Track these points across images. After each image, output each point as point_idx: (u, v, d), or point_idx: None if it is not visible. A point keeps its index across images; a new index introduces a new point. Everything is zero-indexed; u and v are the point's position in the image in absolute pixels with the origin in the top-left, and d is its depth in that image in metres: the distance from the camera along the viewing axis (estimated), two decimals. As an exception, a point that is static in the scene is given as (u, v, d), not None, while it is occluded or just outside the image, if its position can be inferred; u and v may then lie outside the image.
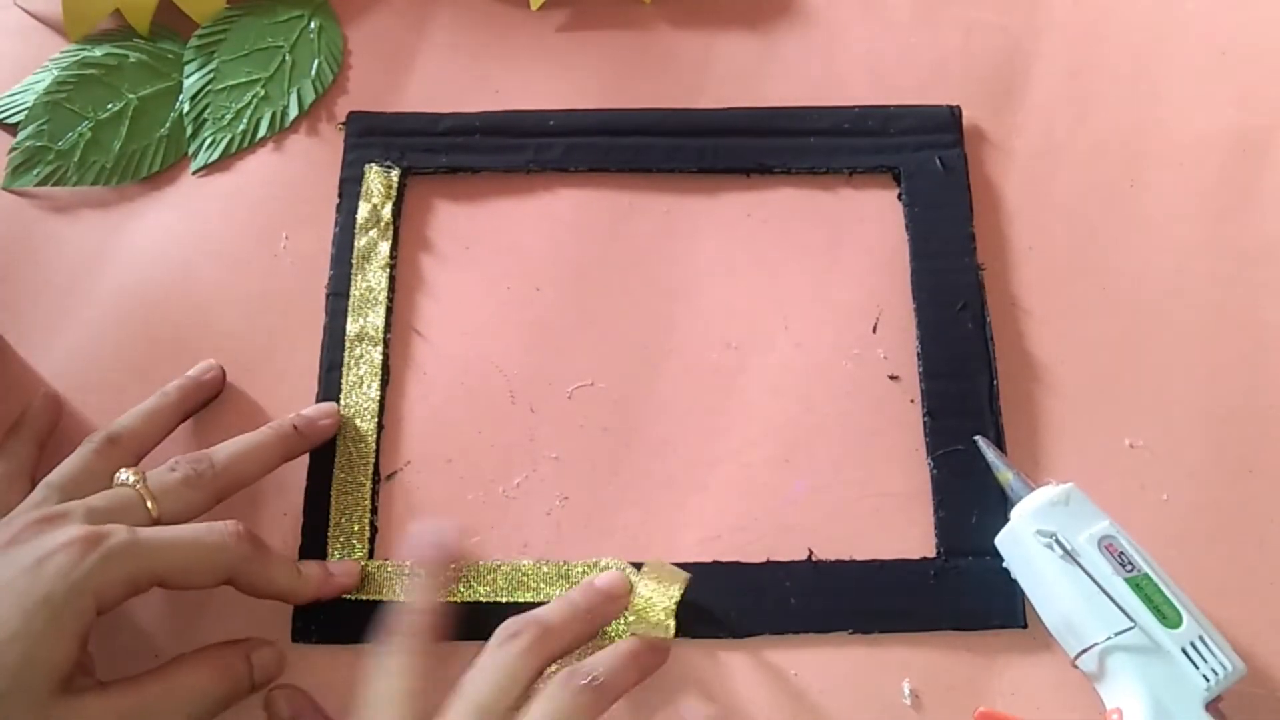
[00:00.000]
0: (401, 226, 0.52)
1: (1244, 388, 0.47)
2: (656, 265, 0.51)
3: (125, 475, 0.41)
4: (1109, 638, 0.39)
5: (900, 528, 0.45)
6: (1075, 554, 0.40)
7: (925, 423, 0.46)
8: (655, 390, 0.48)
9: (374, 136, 0.53)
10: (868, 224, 0.51)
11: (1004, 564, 0.43)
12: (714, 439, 0.47)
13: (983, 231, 0.50)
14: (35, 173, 0.53)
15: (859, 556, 0.45)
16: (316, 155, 0.53)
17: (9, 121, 0.55)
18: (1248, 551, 0.45)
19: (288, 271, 0.51)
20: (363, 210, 0.51)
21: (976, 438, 0.45)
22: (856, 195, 0.52)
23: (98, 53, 0.56)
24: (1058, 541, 0.40)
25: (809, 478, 0.46)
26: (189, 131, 0.54)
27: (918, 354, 0.48)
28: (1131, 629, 0.39)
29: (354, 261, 0.50)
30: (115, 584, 0.37)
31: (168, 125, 0.55)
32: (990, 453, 0.44)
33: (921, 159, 0.51)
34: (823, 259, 0.50)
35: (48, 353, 0.50)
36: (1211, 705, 0.39)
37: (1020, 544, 0.42)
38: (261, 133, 0.54)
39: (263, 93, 0.55)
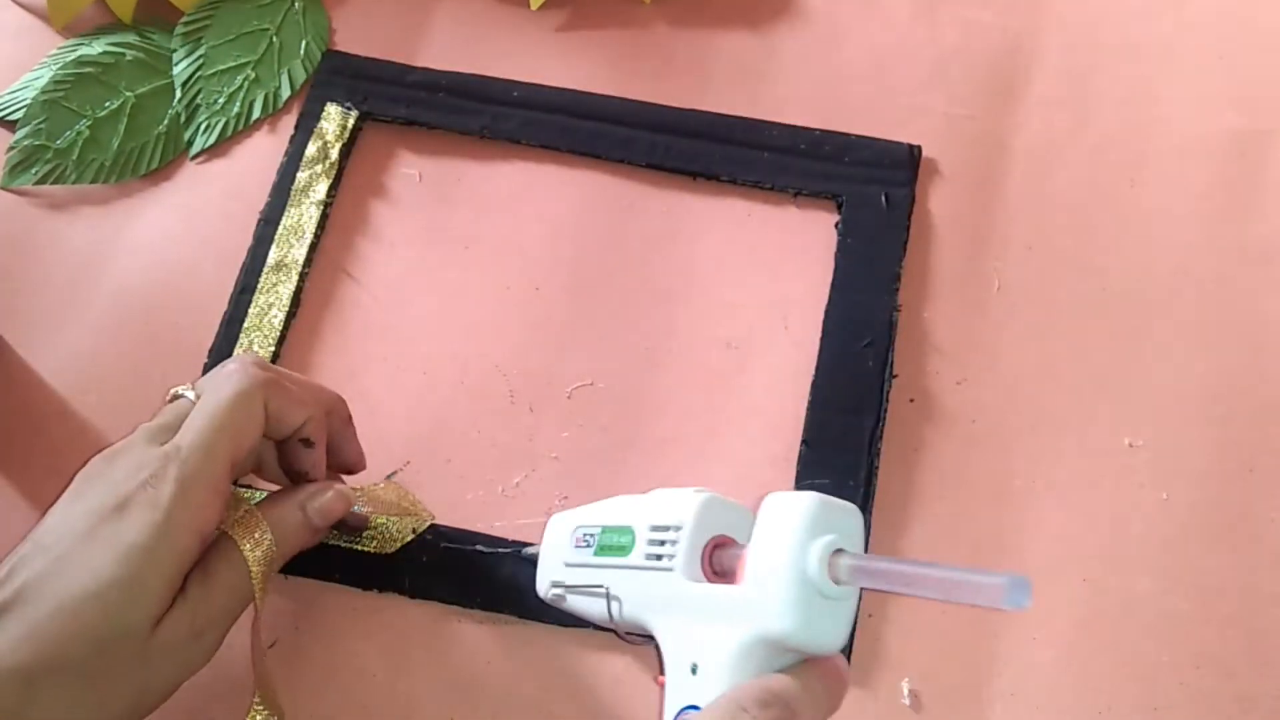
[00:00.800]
0: (349, 169, 0.53)
1: (1244, 387, 0.47)
2: (656, 265, 0.51)
3: (179, 389, 0.40)
4: (610, 619, 0.36)
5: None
6: (565, 582, 0.38)
7: (800, 451, 0.46)
8: (655, 390, 0.48)
9: (341, 77, 0.54)
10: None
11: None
12: (713, 439, 0.47)
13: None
14: (34, 171, 0.53)
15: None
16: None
17: (8, 119, 0.55)
18: (1248, 551, 0.45)
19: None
20: (311, 147, 0.52)
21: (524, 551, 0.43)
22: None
23: (95, 51, 0.56)
24: (558, 585, 0.38)
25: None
26: (183, 119, 0.55)
27: (811, 382, 0.47)
28: (604, 592, 0.36)
29: (291, 193, 0.51)
30: (200, 501, 0.37)
31: (165, 122, 0.55)
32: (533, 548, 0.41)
33: (868, 193, 0.51)
34: (821, 259, 0.50)
35: (48, 353, 0.49)
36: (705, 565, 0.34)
37: (558, 605, 0.39)
38: (256, 114, 0.55)
39: (253, 75, 0.56)
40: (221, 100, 0.55)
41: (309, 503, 0.40)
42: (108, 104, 0.55)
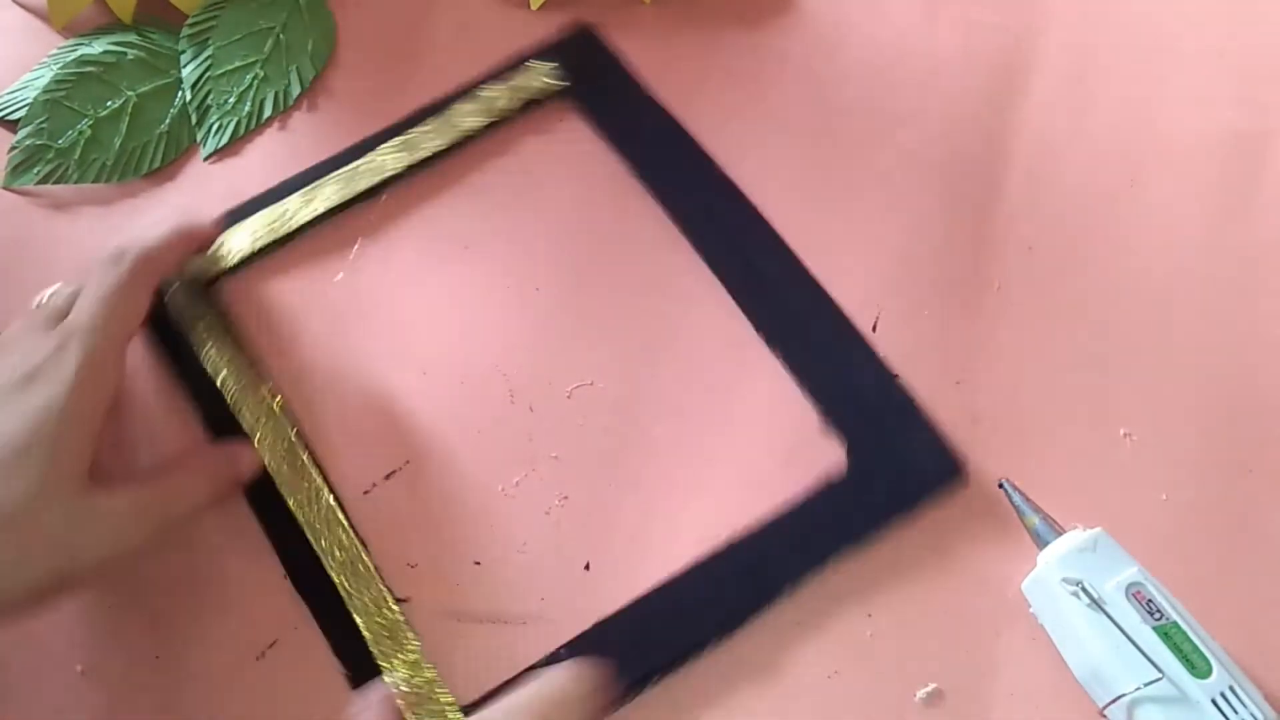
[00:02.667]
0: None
1: (1244, 388, 0.47)
2: (656, 265, 0.51)
3: (51, 290, 0.45)
4: (1137, 689, 0.38)
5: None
6: (1102, 602, 0.40)
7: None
8: (655, 390, 0.48)
9: None
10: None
11: (1030, 610, 0.43)
12: (714, 438, 0.47)
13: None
14: (35, 171, 0.53)
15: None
16: (322, 131, 0.54)
17: (9, 119, 0.55)
18: (1248, 551, 0.45)
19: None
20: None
21: (1002, 482, 0.45)
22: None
23: (96, 50, 0.56)
24: (1084, 590, 0.40)
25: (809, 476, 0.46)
26: (194, 120, 0.55)
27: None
28: (1160, 680, 0.38)
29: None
30: (101, 371, 0.40)
31: (167, 121, 0.55)
32: (1016, 496, 0.44)
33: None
34: (822, 260, 0.50)
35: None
36: None
37: (1047, 591, 0.41)
38: (268, 112, 0.55)
39: (262, 74, 0.56)
40: (232, 100, 0.55)
41: (239, 454, 0.46)
42: (109, 103, 0.55)
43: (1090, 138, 0.53)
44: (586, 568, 0.45)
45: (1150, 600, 0.40)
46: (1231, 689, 0.38)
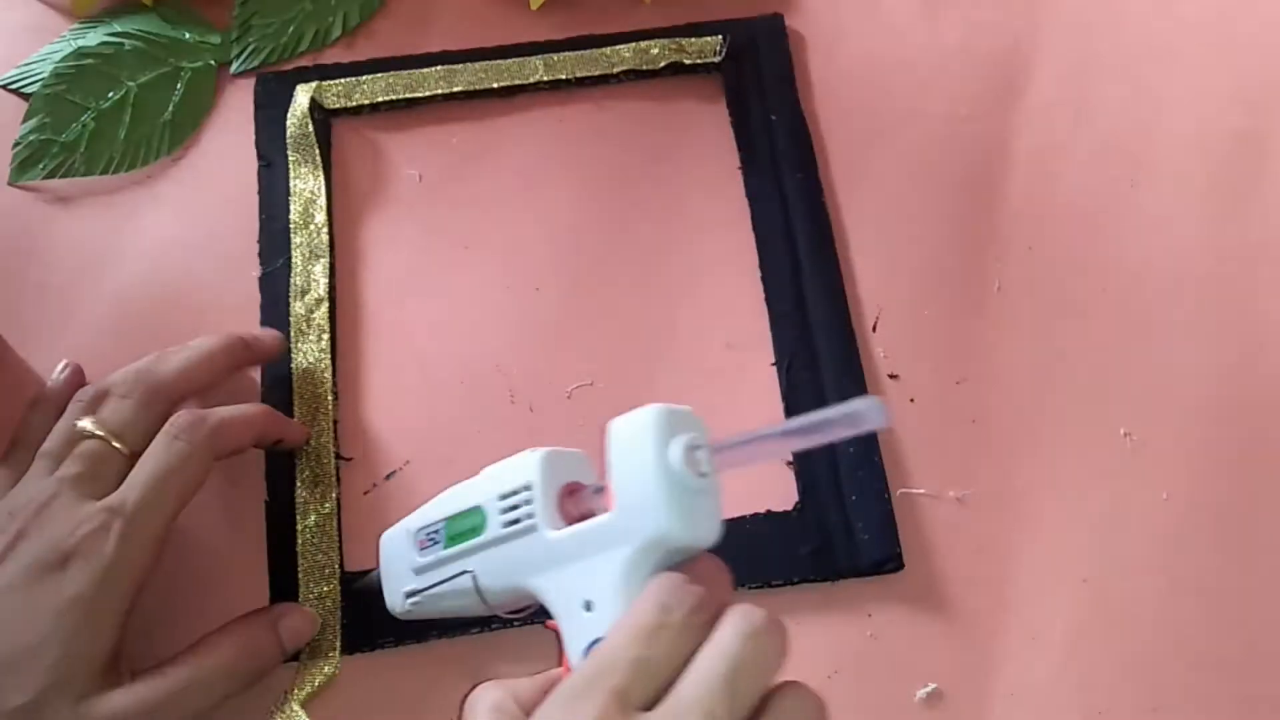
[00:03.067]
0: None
1: (1245, 388, 0.47)
2: (656, 265, 0.51)
3: (83, 423, 0.40)
4: (482, 597, 0.35)
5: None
6: (417, 588, 0.37)
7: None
8: (655, 390, 0.48)
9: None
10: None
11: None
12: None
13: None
14: (41, 166, 0.53)
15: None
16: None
17: (25, 90, 0.55)
18: (1248, 551, 0.45)
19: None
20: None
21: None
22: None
23: (93, 42, 0.56)
24: (408, 597, 0.37)
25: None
26: (234, 35, 0.56)
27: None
28: (468, 574, 0.35)
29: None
30: (143, 557, 0.37)
31: (170, 110, 0.55)
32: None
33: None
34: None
35: (48, 353, 0.49)
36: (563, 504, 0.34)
37: (416, 613, 0.38)
38: (303, 47, 0.56)
39: (309, 7, 0.57)
40: (274, 25, 0.56)
41: (280, 621, 0.41)
42: (110, 95, 0.55)
43: (1090, 138, 0.53)
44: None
45: (429, 533, 0.37)
46: (500, 497, 0.35)
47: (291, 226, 0.51)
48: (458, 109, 0.54)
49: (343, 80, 0.54)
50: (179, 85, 0.55)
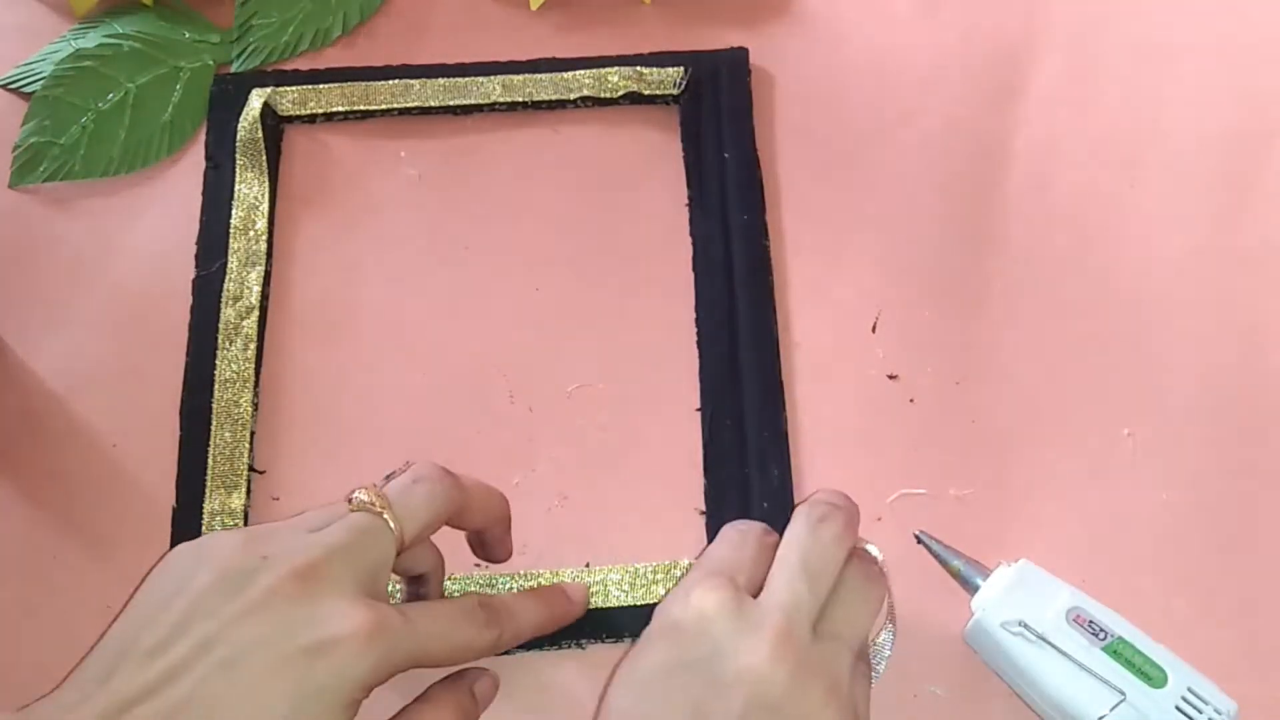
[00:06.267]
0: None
1: (1245, 389, 0.47)
2: (657, 264, 0.51)
3: (362, 494, 0.37)
4: (1102, 716, 0.38)
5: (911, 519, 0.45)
6: (1047, 637, 0.39)
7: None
8: (655, 390, 0.48)
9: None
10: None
11: (979, 658, 0.42)
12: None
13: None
14: (41, 169, 0.53)
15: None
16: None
17: (25, 90, 0.55)
18: (1248, 553, 0.45)
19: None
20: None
21: (918, 533, 0.44)
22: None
23: (91, 44, 0.56)
24: (1027, 628, 0.39)
25: (809, 477, 0.46)
26: (234, 36, 0.56)
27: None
28: (1122, 701, 0.38)
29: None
30: (386, 673, 0.34)
31: (169, 111, 0.55)
32: (936, 545, 0.43)
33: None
34: (821, 259, 0.50)
35: (48, 353, 0.50)
36: None
37: (990, 637, 0.40)
38: (303, 47, 0.56)
39: (310, 7, 0.57)
40: (274, 25, 0.56)
41: (475, 685, 0.39)
42: (110, 96, 0.55)
43: (1090, 138, 0.53)
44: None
45: (1091, 621, 0.39)
46: (1190, 690, 0.38)
47: (231, 231, 0.50)
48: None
49: (298, 88, 0.53)
50: (178, 86, 0.55)
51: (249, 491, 0.46)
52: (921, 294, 0.50)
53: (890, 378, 0.48)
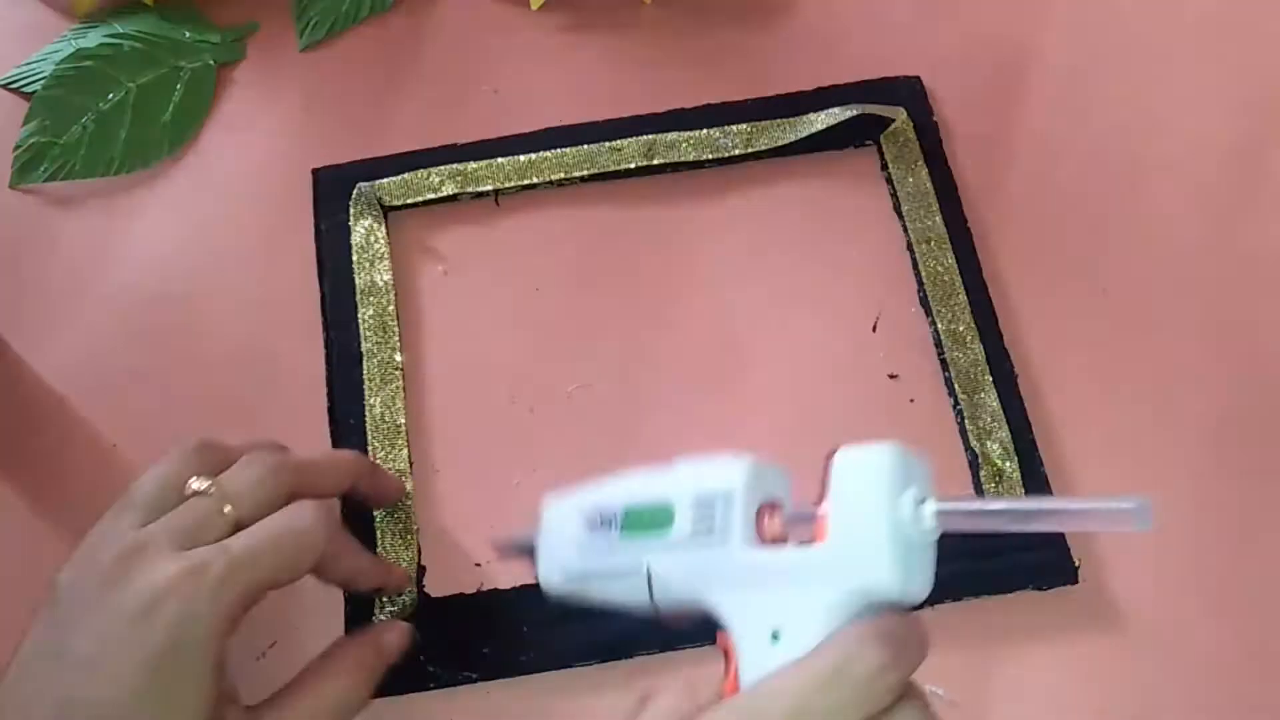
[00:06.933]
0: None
1: (1245, 389, 0.47)
2: (656, 265, 0.51)
3: (197, 483, 0.37)
4: (651, 596, 0.34)
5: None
6: (584, 570, 0.36)
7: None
8: (654, 391, 0.48)
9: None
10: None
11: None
12: (713, 440, 0.47)
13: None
14: (43, 169, 0.53)
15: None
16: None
17: (26, 90, 0.55)
18: (1249, 554, 0.44)
19: (291, 265, 0.51)
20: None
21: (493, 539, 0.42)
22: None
23: (91, 44, 0.56)
24: (584, 574, 0.36)
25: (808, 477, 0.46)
26: (296, 13, 0.57)
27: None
28: (643, 569, 0.34)
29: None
30: (233, 610, 0.35)
31: (170, 111, 0.55)
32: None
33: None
34: (822, 259, 0.50)
35: (48, 353, 0.50)
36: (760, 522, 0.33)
37: (563, 597, 0.37)
38: (364, 12, 0.57)
39: None
40: None
41: (382, 637, 0.40)
42: (111, 96, 0.55)
43: (1090, 138, 0.53)
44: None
45: (600, 517, 0.36)
46: (697, 499, 0.33)
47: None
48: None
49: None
50: (178, 86, 0.55)
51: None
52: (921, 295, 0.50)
53: (890, 378, 0.48)
